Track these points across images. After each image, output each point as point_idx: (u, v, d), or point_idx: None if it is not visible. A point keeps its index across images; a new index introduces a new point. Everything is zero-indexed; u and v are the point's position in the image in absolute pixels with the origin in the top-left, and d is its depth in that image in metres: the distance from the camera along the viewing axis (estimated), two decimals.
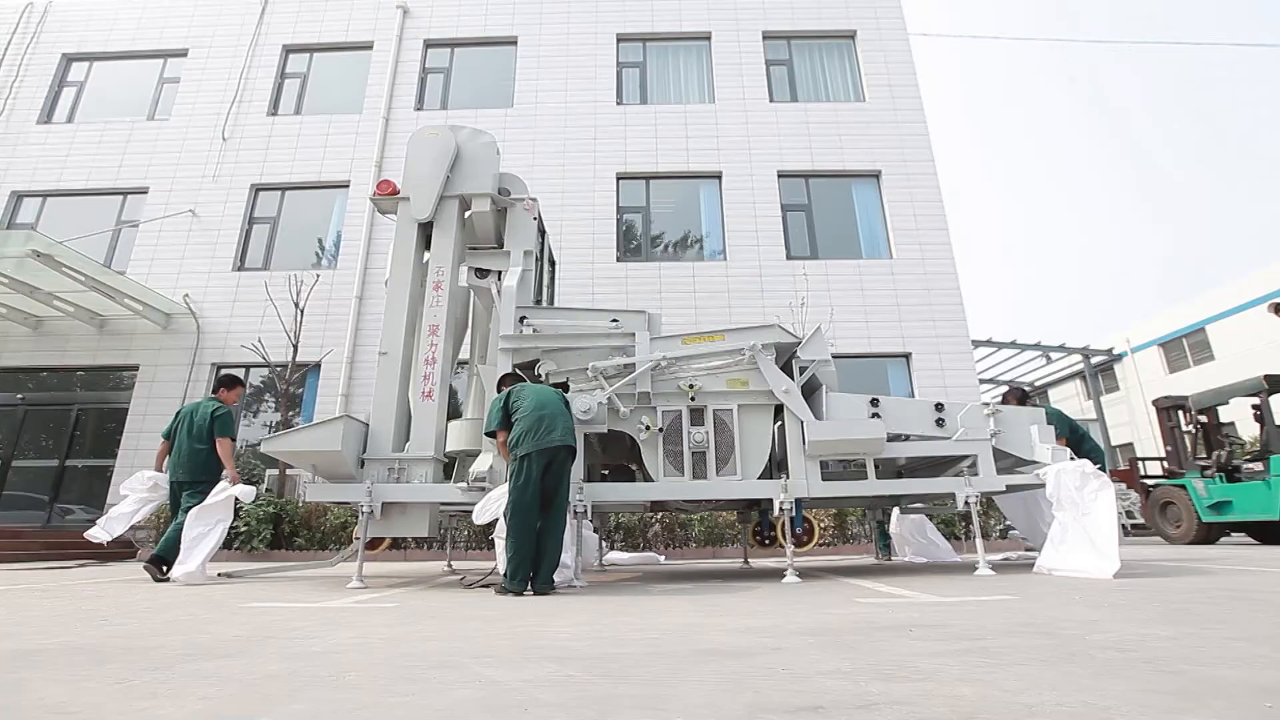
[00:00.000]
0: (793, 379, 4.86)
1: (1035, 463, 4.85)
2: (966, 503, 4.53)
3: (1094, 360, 21.79)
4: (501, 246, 5.74)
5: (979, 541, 4.54)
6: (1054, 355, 21.36)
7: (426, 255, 5.64)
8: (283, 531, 8.70)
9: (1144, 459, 11.45)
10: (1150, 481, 10.55)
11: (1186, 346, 19.92)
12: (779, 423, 4.97)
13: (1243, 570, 4.27)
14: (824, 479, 4.84)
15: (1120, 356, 22.20)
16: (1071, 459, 4.56)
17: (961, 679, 1.47)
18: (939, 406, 4.92)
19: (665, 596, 3.56)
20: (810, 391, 5.02)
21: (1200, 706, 1.21)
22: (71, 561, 8.06)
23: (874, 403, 4.88)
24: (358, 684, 1.52)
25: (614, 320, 5.15)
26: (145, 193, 11.79)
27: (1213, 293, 19.40)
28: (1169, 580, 3.66)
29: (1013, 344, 19.97)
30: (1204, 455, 9.63)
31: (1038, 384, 24.19)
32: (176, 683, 1.54)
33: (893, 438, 4.97)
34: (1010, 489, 4.76)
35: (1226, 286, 18.98)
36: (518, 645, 2.04)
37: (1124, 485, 13.66)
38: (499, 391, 4.40)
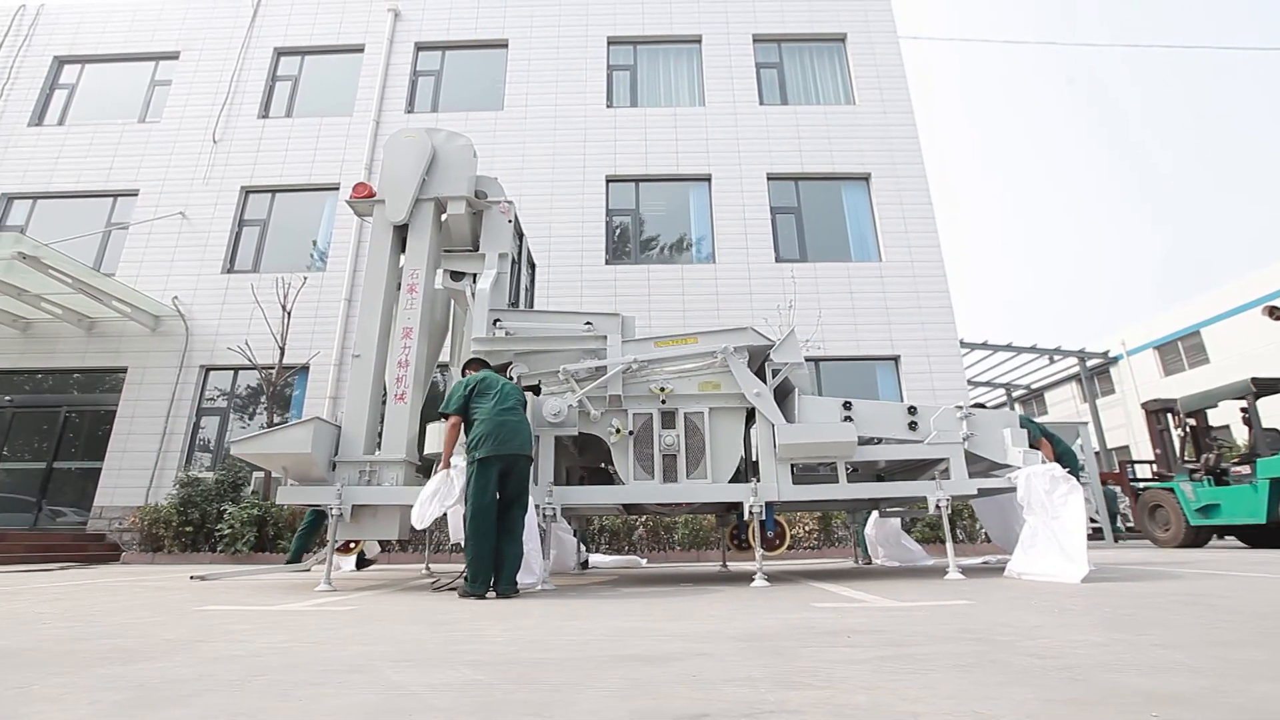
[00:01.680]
0: (766, 382, 4.84)
1: (1007, 466, 4.82)
2: (937, 506, 4.51)
3: (1090, 363, 21.75)
4: (477, 249, 5.73)
5: (949, 545, 4.52)
6: (1050, 358, 21.32)
7: (403, 258, 5.63)
8: (267, 534, 8.69)
9: (1134, 462, 11.41)
10: (1140, 485, 10.50)
11: (1182, 349, 19.88)
12: (753, 426, 4.95)
13: (1213, 575, 4.24)
14: (807, 482, 4.83)
15: (1116, 359, 22.14)
16: (1043, 462, 4.54)
17: (866, 687, 1.45)
18: (912, 409, 4.90)
19: (624, 600, 3.55)
20: (784, 394, 5.00)
21: (1086, 715, 1.20)
22: (54, 564, 8.06)
23: (847, 405, 4.86)
24: (259, 689, 1.50)
25: (588, 323, 5.13)
26: (135, 195, 11.83)
27: (1208, 296, 19.37)
28: (1132, 585, 3.63)
29: (1008, 346, 19.95)
30: (1192, 458, 9.59)
31: (1034, 387, 24.16)
32: (79, 687, 1.53)
33: (866, 441, 4.95)
34: (981, 493, 4.73)
35: (1222, 289, 18.94)
36: (446, 649, 2.03)
37: (1119, 488, 13.64)
38: (463, 375, 4.43)
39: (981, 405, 5.70)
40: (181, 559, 8.61)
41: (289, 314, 10.04)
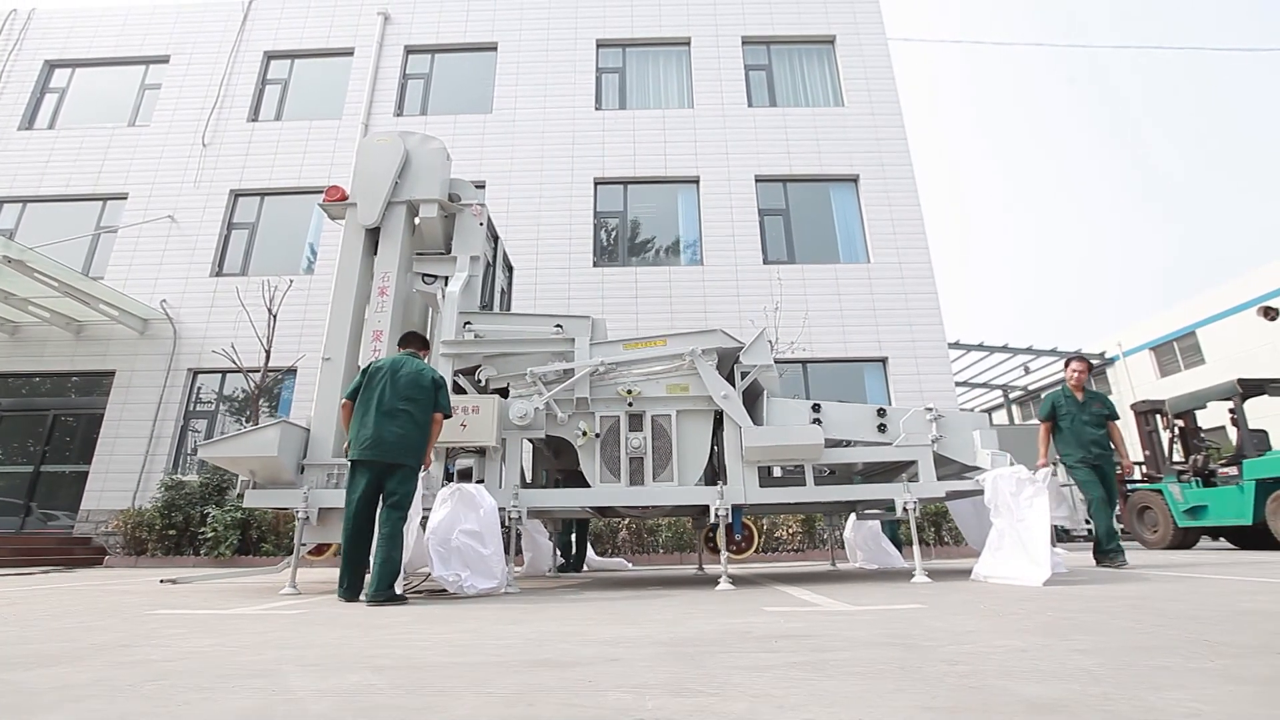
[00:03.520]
0: (735, 384, 4.82)
1: (978, 468, 4.79)
2: (905, 509, 4.48)
3: None
4: (450, 252, 5.73)
5: (916, 549, 4.49)
6: (1046, 359, 21.24)
7: (375, 261, 5.63)
8: (250, 537, 8.70)
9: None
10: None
11: (1178, 350, 19.80)
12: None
13: (1183, 578, 4.20)
14: (790, 485, 4.81)
15: (1113, 360, 22.06)
16: (1011, 464, 4.50)
17: (754, 694, 1.43)
18: (881, 412, 4.88)
19: (579, 604, 3.53)
20: (754, 397, 4.98)
21: None
22: (36, 568, 8.06)
23: (815, 408, 4.84)
24: (147, 694, 1.49)
25: (557, 326, 5.13)
26: (125, 198, 11.87)
27: (1204, 296, 19.28)
28: (1091, 588, 3.60)
29: (1004, 348, 19.89)
30: (1181, 460, 9.54)
31: (1030, 388, 24.07)
32: None
33: (835, 443, 4.93)
34: (950, 495, 4.71)
35: (1217, 290, 18.86)
36: (364, 653, 2.02)
37: None
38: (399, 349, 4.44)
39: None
40: (165, 562, 8.61)
41: (275, 317, 10.05)
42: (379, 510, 3.88)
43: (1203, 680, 1.45)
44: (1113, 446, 5.53)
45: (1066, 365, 5.85)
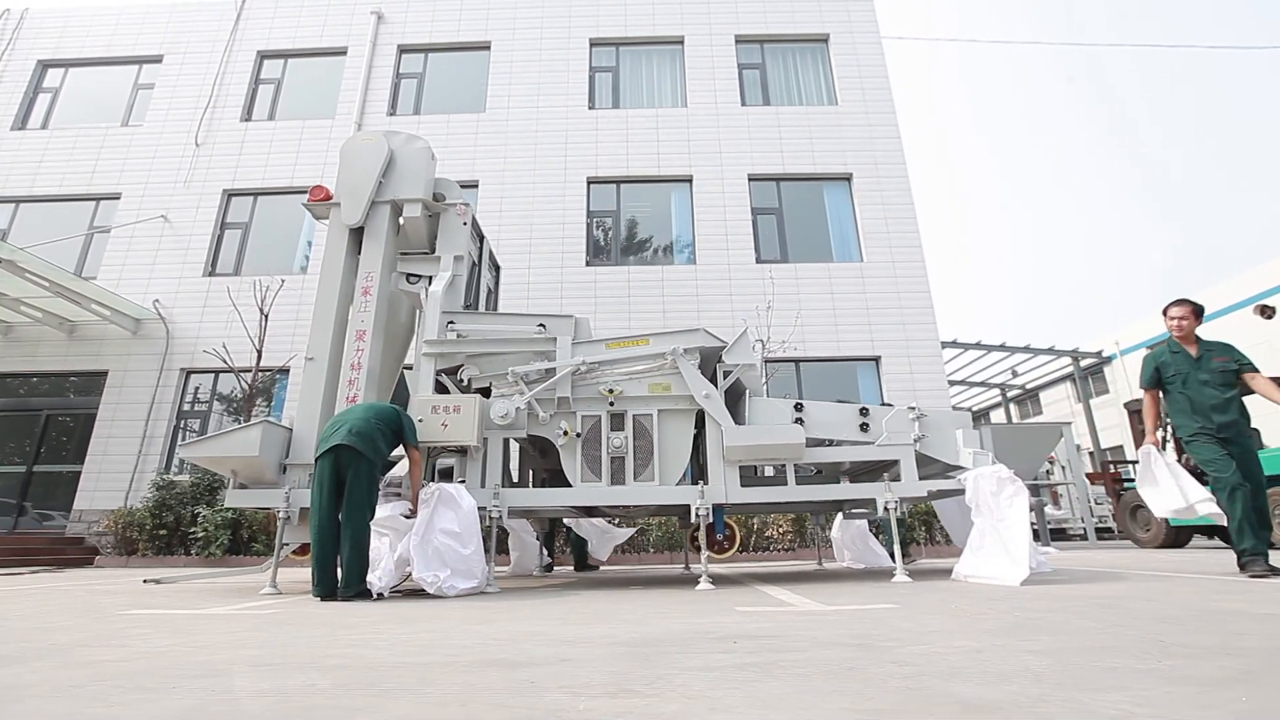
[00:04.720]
0: (718, 384, 4.82)
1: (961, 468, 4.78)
2: (886, 509, 4.47)
3: (1083, 363, 21.62)
4: (434, 252, 5.72)
5: (896, 548, 4.48)
6: (1043, 358, 21.23)
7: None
8: (241, 537, 8.70)
9: (1116, 462, 11.34)
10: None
11: None
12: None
13: (1163, 577, 4.20)
14: (778, 484, 4.81)
15: (1110, 359, 22.03)
16: (995, 462, 4.49)
17: (691, 696, 1.42)
18: (864, 411, 4.87)
19: (554, 603, 3.52)
20: (737, 396, 4.98)
21: None
22: (26, 568, 8.07)
23: (798, 407, 4.83)
24: (88, 695, 1.49)
25: (540, 325, 5.12)
26: (118, 198, 11.87)
27: (1200, 295, 19.24)
28: (1067, 587, 3.60)
29: (1002, 346, 19.86)
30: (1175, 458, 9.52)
31: (1028, 387, 24.06)
32: None
33: (818, 442, 4.92)
34: (932, 495, 4.70)
35: (1214, 288, 18.83)
36: (321, 653, 2.01)
37: (1103, 489, 13.55)
38: None
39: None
40: (156, 562, 8.62)
41: (266, 317, 10.04)
42: (341, 512, 3.93)
43: (1146, 681, 1.45)
44: (1244, 409, 4.30)
45: (1165, 314, 4.57)
